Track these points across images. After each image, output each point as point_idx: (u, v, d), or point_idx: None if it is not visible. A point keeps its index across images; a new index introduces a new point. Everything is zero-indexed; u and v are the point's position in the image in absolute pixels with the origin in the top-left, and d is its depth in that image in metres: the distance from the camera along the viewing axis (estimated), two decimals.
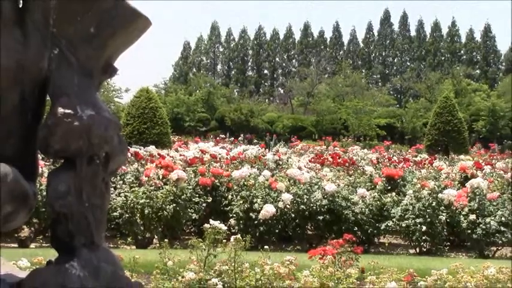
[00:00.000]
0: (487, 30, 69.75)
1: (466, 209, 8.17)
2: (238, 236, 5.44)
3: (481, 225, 8.02)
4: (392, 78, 68.49)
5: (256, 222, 7.76)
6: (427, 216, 8.02)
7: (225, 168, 9.49)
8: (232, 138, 24.04)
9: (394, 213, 8.27)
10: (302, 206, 8.07)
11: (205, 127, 42.40)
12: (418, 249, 8.25)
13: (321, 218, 8.04)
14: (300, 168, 9.44)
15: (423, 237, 8.04)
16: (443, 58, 69.51)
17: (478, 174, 9.86)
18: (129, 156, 9.33)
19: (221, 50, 74.58)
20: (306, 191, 8.26)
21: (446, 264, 5.96)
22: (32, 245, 7.71)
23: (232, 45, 73.85)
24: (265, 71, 73.88)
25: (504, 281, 5.35)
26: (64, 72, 2.30)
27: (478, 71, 67.38)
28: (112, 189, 7.79)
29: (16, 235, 7.65)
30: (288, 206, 7.92)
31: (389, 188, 9.03)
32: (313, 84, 53.25)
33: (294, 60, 72.85)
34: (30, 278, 2.22)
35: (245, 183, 8.36)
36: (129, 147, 10.72)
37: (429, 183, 8.59)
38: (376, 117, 42.57)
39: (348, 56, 70.81)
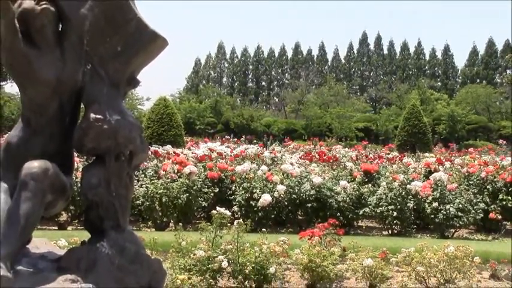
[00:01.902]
0: (446, 50, 69.70)
1: (430, 198, 8.17)
2: (240, 220, 5.43)
3: (442, 211, 8.02)
4: (368, 89, 68.37)
5: (255, 209, 7.75)
6: (397, 204, 8.02)
7: (229, 164, 9.46)
8: (236, 139, 23.93)
9: (370, 201, 8.27)
10: (294, 196, 8.07)
11: (213, 129, 42.34)
12: (390, 231, 8.25)
13: (309, 205, 8.04)
14: (292, 164, 9.41)
15: (394, 221, 8.06)
16: (410, 72, 69.36)
17: (439, 168, 9.85)
18: (150, 154, 9.32)
19: (226, 65, 74.44)
20: (297, 183, 8.25)
21: (414, 244, 5.96)
22: (69, 228, 7.70)
23: (235, 61, 73.73)
24: (263, 83, 73.74)
25: (461, 257, 5.36)
26: (95, 84, 2.30)
27: (439, 83, 67.28)
28: (135, 181, 7.79)
29: (56, 219, 7.64)
30: (282, 195, 7.92)
31: (366, 180, 9.02)
32: (303, 94, 53.23)
33: (286, 74, 72.66)
34: (68, 254, 2.22)
35: (246, 176, 8.34)
36: (149, 146, 10.71)
37: (399, 176, 8.58)
38: (355, 122, 42.49)
39: (332, 70, 70.65)
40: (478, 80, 62.56)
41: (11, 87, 34.31)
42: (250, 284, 5.18)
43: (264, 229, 6.62)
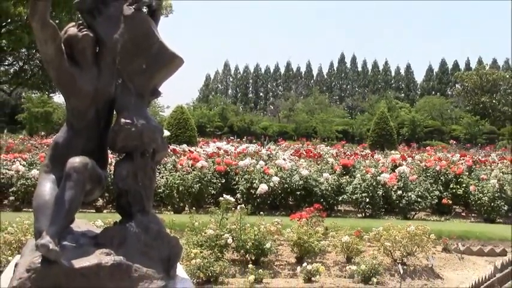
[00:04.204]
0: (408, 67, 69.77)
1: (395, 187, 8.18)
2: (242, 205, 5.45)
3: (405, 198, 8.04)
4: (346, 99, 68.30)
5: (254, 196, 7.75)
6: (369, 192, 8.02)
7: (233, 159, 9.45)
8: (238, 139, 23.86)
9: (347, 189, 8.26)
10: (286, 185, 8.07)
11: (220, 132, 42.20)
12: (363, 214, 8.25)
13: (298, 193, 8.04)
14: (284, 159, 9.40)
15: (367, 206, 8.06)
16: (379, 86, 69.14)
17: (403, 163, 9.85)
18: (169, 151, 9.32)
19: (231, 79, 74.27)
20: (288, 174, 8.25)
21: (382, 224, 5.98)
22: (105, 211, 7.69)
23: (238, 76, 73.61)
24: (261, 94, 73.58)
25: (419, 234, 5.38)
26: (125, 95, 2.31)
27: (402, 94, 67.12)
28: (157, 173, 7.79)
29: (94, 204, 7.64)
30: (276, 185, 7.91)
31: (344, 172, 9.01)
32: (293, 103, 53.14)
33: (280, 87, 72.51)
34: (103, 233, 2.23)
35: (247, 169, 8.33)
36: (168, 145, 10.69)
37: (371, 169, 8.59)
38: (335, 125, 42.43)
39: (317, 84, 70.30)
40: (433, 92, 62.56)
41: (58, 98, 34.40)
42: (250, 257, 5.19)
43: (261, 212, 6.65)
